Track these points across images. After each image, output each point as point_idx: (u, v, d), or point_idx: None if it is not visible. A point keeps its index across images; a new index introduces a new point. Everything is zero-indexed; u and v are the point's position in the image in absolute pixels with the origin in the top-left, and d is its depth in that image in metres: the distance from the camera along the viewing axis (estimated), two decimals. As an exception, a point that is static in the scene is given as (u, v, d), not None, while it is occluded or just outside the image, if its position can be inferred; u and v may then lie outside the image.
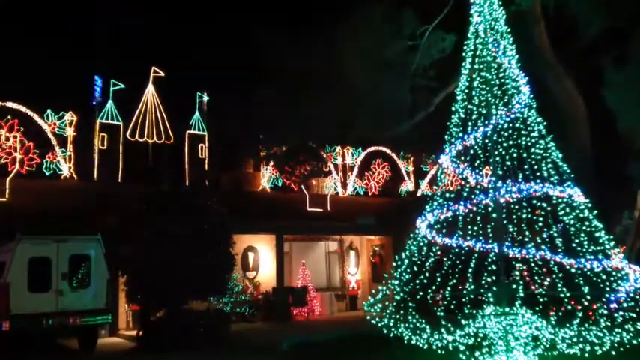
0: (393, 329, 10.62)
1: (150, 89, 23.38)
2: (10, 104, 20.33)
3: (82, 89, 23.33)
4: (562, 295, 9.60)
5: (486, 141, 10.76)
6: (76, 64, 24.75)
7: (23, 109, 20.49)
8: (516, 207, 10.63)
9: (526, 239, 10.40)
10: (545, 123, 11.00)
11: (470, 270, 10.47)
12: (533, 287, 10.26)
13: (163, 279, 15.31)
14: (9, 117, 20.15)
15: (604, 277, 10.11)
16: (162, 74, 23.50)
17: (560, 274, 9.95)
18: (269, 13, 29.94)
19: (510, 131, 10.73)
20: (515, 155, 10.61)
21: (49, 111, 20.99)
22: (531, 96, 11.03)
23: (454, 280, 10.44)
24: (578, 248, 10.30)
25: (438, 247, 11.07)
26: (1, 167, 19.84)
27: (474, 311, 9.85)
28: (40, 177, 20.41)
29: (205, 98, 24.66)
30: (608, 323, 9.36)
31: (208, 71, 27.35)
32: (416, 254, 11.09)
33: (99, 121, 21.88)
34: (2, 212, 18.73)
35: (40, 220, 16.93)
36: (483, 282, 10.23)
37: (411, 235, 11.30)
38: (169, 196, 16.54)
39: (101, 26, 26.84)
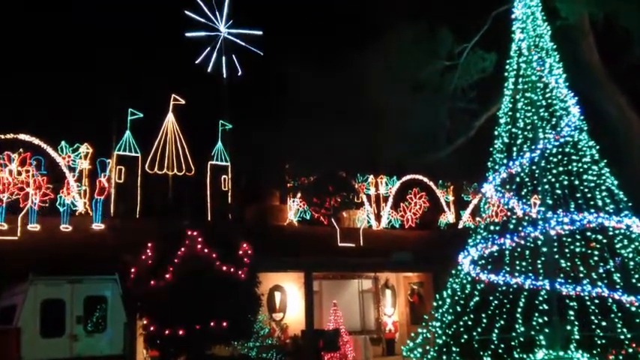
0: (435, 376, 10.48)
1: (170, 118, 23.69)
2: (23, 136, 20.70)
3: (97, 119, 23.81)
4: (622, 337, 9.43)
5: (534, 167, 10.71)
6: (92, 93, 25.29)
7: (36, 141, 20.85)
8: (569, 239, 10.51)
9: (580, 275, 10.26)
10: (598, 147, 10.92)
11: (519, 310, 10.33)
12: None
13: (185, 322, 15.32)
14: (21, 150, 20.49)
15: (669, 316, 9.90)
16: (183, 102, 23.82)
17: (620, 314, 9.78)
18: (295, 38, 30.33)
19: (560, 156, 10.68)
20: (565, 182, 10.53)
21: (63, 143, 21.32)
22: (582, 117, 10.99)
23: (502, 322, 10.30)
24: (639, 284, 10.13)
25: (482, 285, 10.96)
26: (13, 203, 20.14)
27: (525, 355, 9.70)
28: (53, 213, 20.67)
29: (228, 127, 24.91)
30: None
31: (231, 99, 27.70)
32: (458, 293, 10.99)
33: (115, 153, 22.17)
34: (13, 251, 19.00)
35: (53, 260, 17.12)
36: (534, 323, 10.08)
37: (453, 271, 11.22)
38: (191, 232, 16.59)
39: (117, 53, 27.40)
